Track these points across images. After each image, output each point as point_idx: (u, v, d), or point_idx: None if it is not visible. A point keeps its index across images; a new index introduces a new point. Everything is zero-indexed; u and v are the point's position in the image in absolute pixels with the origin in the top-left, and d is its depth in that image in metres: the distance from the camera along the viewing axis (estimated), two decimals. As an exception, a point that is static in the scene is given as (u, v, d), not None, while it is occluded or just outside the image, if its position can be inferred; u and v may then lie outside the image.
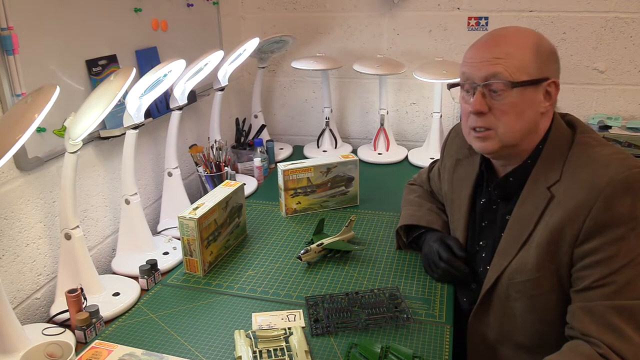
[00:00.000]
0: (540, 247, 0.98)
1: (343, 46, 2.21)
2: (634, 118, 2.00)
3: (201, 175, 1.66)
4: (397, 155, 2.09)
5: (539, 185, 1.02)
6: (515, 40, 1.01)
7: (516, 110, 1.00)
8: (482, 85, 1.01)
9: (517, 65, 0.99)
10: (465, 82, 1.06)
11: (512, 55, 0.99)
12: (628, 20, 1.91)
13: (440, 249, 1.22)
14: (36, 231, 1.20)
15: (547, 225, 0.98)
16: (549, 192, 1.00)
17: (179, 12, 1.76)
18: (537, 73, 1.00)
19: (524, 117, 1.01)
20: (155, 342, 1.06)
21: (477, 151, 1.12)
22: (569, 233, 0.94)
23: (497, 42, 1.02)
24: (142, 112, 1.32)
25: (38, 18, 1.15)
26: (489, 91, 1.01)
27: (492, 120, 1.02)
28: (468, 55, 1.07)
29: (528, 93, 1.00)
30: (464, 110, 1.08)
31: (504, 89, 0.99)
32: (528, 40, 1.01)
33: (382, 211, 1.63)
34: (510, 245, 1.05)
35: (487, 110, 1.01)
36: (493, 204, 1.14)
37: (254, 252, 1.42)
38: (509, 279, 1.04)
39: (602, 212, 0.90)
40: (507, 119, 1.01)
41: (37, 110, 0.91)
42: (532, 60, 0.99)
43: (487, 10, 2.01)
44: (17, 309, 1.16)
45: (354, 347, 1.02)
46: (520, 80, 0.98)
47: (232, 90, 2.22)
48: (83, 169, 1.34)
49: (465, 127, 1.09)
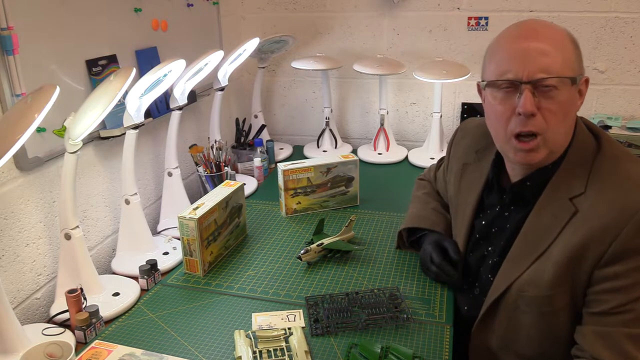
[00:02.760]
0: (559, 265, 0.92)
1: (343, 46, 2.21)
2: (634, 118, 2.00)
3: (201, 175, 1.66)
4: (397, 155, 2.09)
5: (559, 194, 0.95)
6: (553, 35, 0.92)
7: (564, 111, 0.91)
8: (532, 83, 0.89)
9: (565, 62, 0.90)
10: (504, 81, 0.93)
11: (557, 50, 0.90)
12: (628, 20, 1.91)
13: (433, 252, 1.19)
14: (36, 231, 1.20)
15: (568, 242, 0.91)
16: (572, 205, 0.92)
17: (179, 12, 1.76)
18: (578, 70, 0.92)
19: (569, 117, 0.93)
20: (155, 342, 1.06)
21: (517, 162, 0.99)
22: (591, 253, 0.88)
23: (537, 35, 0.91)
24: (142, 112, 1.32)
25: (38, 18, 1.15)
26: (538, 90, 0.90)
27: (541, 123, 0.91)
28: (502, 49, 0.95)
29: (572, 91, 0.91)
30: (500, 113, 0.95)
31: (555, 88, 0.89)
32: (564, 35, 0.93)
33: (382, 211, 1.63)
34: (523, 255, 0.98)
35: (537, 112, 0.90)
36: (505, 211, 1.07)
37: (254, 252, 1.42)
38: (519, 291, 0.98)
39: (630, 238, 0.85)
40: (555, 121, 0.91)
41: (37, 110, 0.91)
42: (574, 55, 0.92)
43: (487, 10, 2.01)
44: (17, 309, 1.16)
45: (354, 347, 1.02)
46: (569, 75, 0.90)
47: (232, 90, 2.22)
48: (83, 169, 1.34)
49: (503, 132, 0.96)
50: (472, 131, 1.22)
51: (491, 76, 0.96)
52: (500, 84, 0.94)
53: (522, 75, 0.90)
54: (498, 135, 1.00)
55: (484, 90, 1.00)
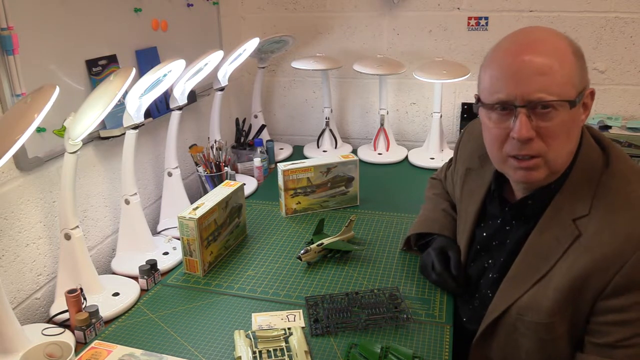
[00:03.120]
0: (560, 292, 0.88)
1: (343, 46, 2.21)
2: (634, 118, 2.00)
3: (201, 175, 1.65)
4: (397, 155, 2.09)
5: (562, 214, 0.90)
6: (552, 48, 0.84)
7: (566, 130, 0.85)
8: (527, 106, 0.83)
9: (564, 79, 0.83)
10: (496, 102, 0.87)
11: (556, 66, 0.83)
12: (628, 20, 1.91)
13: (435, 260, 1.16)
14: (36, 231, 1.20)
15: (571, 269, 0.87)
16: (575, 228, 0.88)
17: (179, 12, 1.76)
18: (580, 83, 0.85)
19: (572, 137, 0.87)
20: (155, 342, 1.06)
21: (517, 181, 0.95)
22: (594, 283, 0.85)
23: (535, 49, 0.84)
24: (142, 112, 1.32)
25: (38, 18, 1.15)
26: (534, 112, 0.84)
27: (539, 146, 0.85)
28: (494, 67, 0.88)
29: (575, 109, 0.85)
30: (495, 135, 0.90)
31: (555, 107, 0.83)
32: (563, 46, 0.85)
33: (382, 211, 1.63)
34: (523, 276, 0.94)
35: (534, 136, 0.85)
36: (507, 224, 1.03)
37: (254, 252, 1.42)
38: (518, 314, 0.94)
39: (635, 271, 0.81)
40: (558, 141, 0.85)
41: (37, 110, 0.91)
42: (575, 69, 0.85)
43: (487, 10, 2.01)
44: (16, 309, 1.16)
45: (354, 347, 1.02)
46: (572, 96, 0.83)
47: (232, 90, 2.22)
48: (83, 169, 1.34)
49: (497, 153, 0.92)
50: (477, 136, 1.15)
51: (484, 94, 0.90)
52: (493, 106, 0.88)
53: (516, 97, 0.84)
54: (494, 157, 0.95)
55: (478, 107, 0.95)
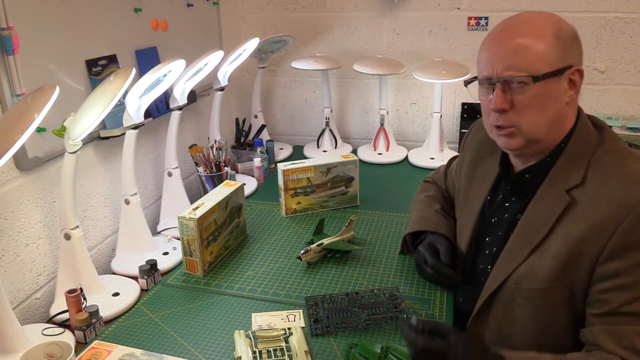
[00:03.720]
0: (557, 258, 0.92)
1: (343, 46, 2.21)
2: (634, 118, 2.00)
3: (201, 175, 1.66)
4: (397, 155, 2.09)
5: (557, 186, 0.97)
6: (532, 30, 0.94)
7: (539, 104, 0.94)
8: (501, 81, 0.95)
9: (537, 57, 0.92)
10: (482, 79, 1.00)
11: (531, 46, 0.93)
12: (628, 20, 1.91)
13: (426, 254, 1.19)
14: (36, 231, 1.20)
15: (568, 235, 0.92)
16: (567, 196, 0.94)
17: (179, 12, 1.76)
18: (560, 62, 0.93)
19: (548, 111, 0.95)
20: (155, 342, 1.06)
21: (502, 148, 1.05)
22: (590, 248, 0.89)
23: (513, 33, 0.95)
24: (142, 112, 1.32)
25: (38, 18, 1.15)
26: (509, 87, 0.95)
27: (514, 117, 0.96)
28: (483, 49, 1.00)
29: (551, 84, 0.93)
30: (484, 107, 1.02)
31: (525, 83, 0.93)
32: (546, 28, 0.94)
33: (382, 211, 1.63)
34: (519, 247, 1.00)
35: (509, 108, 0.95)
36: (506, 201, 1.09)
37: (254, 252, 1.42)
38: (515, 283, 0.98)
39: (629, 232, 0.85)
40: (530, 114, 0.95)
41: (37, 110, 0.91)
42: (552, 49, 0.93)
43: (487, 10, 2.01)
44: (16, 309, 1.16)
45: (354, 347, 1.02)
46: (542, 72, 0.92)
47: (232, 90, 2.22)
48: (83, 169, 1.34)
49: (487, 124, 1.04)
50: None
51: (478, 72, 1.02)
52: (481, 81, 1.01)
53: (493, 74, 0.96)
54: (486, 126, 1.05)
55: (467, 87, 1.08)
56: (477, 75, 1.03)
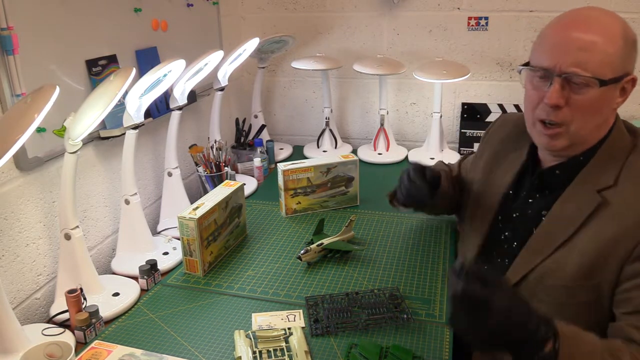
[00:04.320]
0: (586, 256, 0.91)
1: (343, 46, 2.21)
2: (634, 118, 2.00)
3: (201, 175, 1.66)
4: (397, 155, 2.09)
5: (587, 186, 0.95)
6: (603, 28, 0.90)
7: (595, 108, 0.92)
8: (563, 77, 0.90)
9: (605, 59, 0.89)
10: (540, 68, 0.94)
11: (600, 45, 0.89)
12: (628, 20, 1.89)
13: (411, 169, 1.21)
14: (36, 231, 1.20)
15: (598, 235, 0.91)
16: (598, 196, 0.92)
17: (179, 12, 1.76)
18: (621, 69, 0.91)
19: (599, 116, 0.94)
20: (155, 342, 1.06)
21: (542, 146, 1.01)
22: (622, 249, 0.88)
23: (585, 26, 0.91)
24: (142, 112, 1.32)
25: (38, 18, 1.15)
26: (569, 84, 0.90)
27: (566, 115, 0.92)
28: (548, 37, 0.95)
29: (609, 91, 0.91)
30: (531, 97, 0.97)
31: (587, 85, 0.89)
32: (616, 29, 0.91)
33: (382, 211, 1.63)
34: (544, 243, 0.97)
35: (564, 104, 0.91)
36: (530, 197, 1.06)
37: (254, 252, 1.42)
38: (539, 279, 0.96)
39: None
40: (584, 115, 0.92)
41: (37, 110, 0.91)
42: (619, 54, 0.90)
43: (487, 10, 2.01)
44: (17, 309, 1.16)
45: (354, 347, 1.02)
46: (607, 77, 0.89)
47: (232, 90, 2.22)
48: (83, 169, 1.34)
49: (530, 116, 0.99)
50: (515, 122, 1.19)
51: (532, 58, 0.97)
52: (536, 69, 0.95)
53: (556, 66, 0.91)
54: (527, 118, 1.01)
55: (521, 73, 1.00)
56: (529, 62, 0.98)
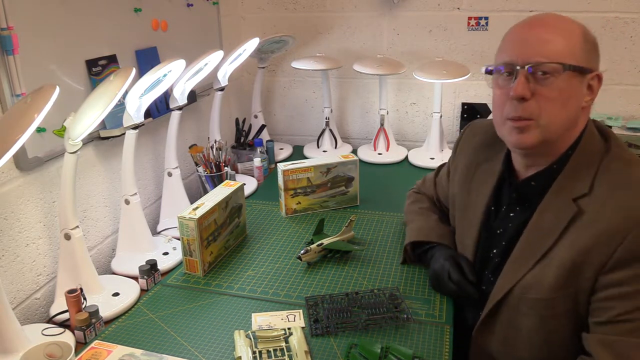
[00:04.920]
0: (562, 267, 0.91)
1: (343, 46, 2.21)
2: (634, 118, 2.00)
3: (201, 175, 1.65)
4: (397, 155, 2.09)
5: (563, 195, 0.94)
6: (562, 26, 0.92)
7: (562, 98, 0.90)
8: (527, 68, 0.90)
9: (567, 49, 0.89)
10: (503, 64, 0.94)
11: (559, 38, 0.90)
12: (628, 20, 1.91)
13: (451, 269, 1.12)
14: (36, 231, 1.20)
15: (573, 244, 0.90)
16: (575, 205, 0.91)
17: (179, 12, 1.76)
18: (585, 62, 0.91)
19: (568, 107, 0.92)
20: (155, 342, 1.06)
21: (511, 146, 0.99)
22: (596, 258, 0.87)
23: (542, 24, 0.93)
24: (142, 112, 1.32)
25: (38, 18, 1.15)
26: (533, 76, 0.90)
27: (534, 108, 0.91)
28: (509, 36, 0.97)
29: (574, 81, 0.90)
30: (498, 98, 0.97)
31: (552, 73, 0.89)
32: (574, 28, 0.93)
33: (382, 211, 1.63)
34: (525, 257, 0.97)
35: (529, 96, 0.90)
36: (511, 211, 1.05)
37: (254, 252, 1.42)
38: (521, 293, 0.97)
39: (636, 243, 0.84)
40: (552, 106, 0.91)
41: (37, 110, 0.91)
42: (580, 47, 0.91)
43: (487, 10, 2.01)
44: (16, 309, 1.16)
45: (354, 347, 1.02)
46: (571, 63, 0.89)
47: (232, 90, 2.22)
48: (83, 169, 1.34)
49: (499, 117, 0.98)
50: (484, 129, 1.19)
51: (496, 63, 0.97)
52: (501, 69, 0.95)
53: (518, 59, 0.91)
54: (496, 121, 1.00)
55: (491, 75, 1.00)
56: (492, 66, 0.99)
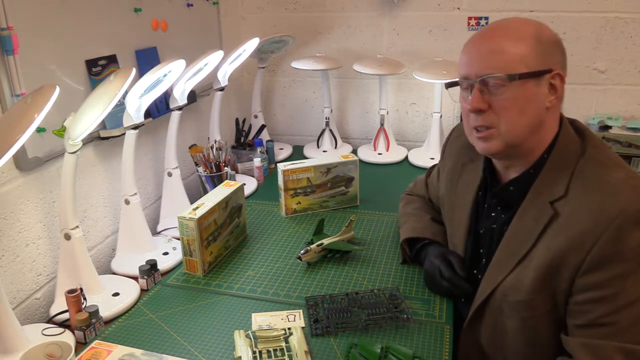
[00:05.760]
0: (539, 269, 0.93)
1: (343, 46, 2.21)
2: (634, 118, 2.00)
3: (201, 175, 1.65)
4: (397, 156, 2.09)
5: (541, 198, 0.96)
6: (511, 33, 0.95)
7: (518, 106, 0.93)
8: (478, 81, 0.94)
9: (515, 57, 0.92)
10: (462, 80, 1.00)
11: (508, 47, 0.93)
12: (628, 20, 1.91)
13: (441, 266, 1.15)
14: (36, 231, 1.20)
15: (549, 247, 0.92)
16: (551, 209, 0.93)
17: (179, 12, 1.76)
18: (539, 64, 0.93)
19: (527, 113, 0.94)
20: (155, 342, 1.06)
21: (480, 152, 1.04)
22: (572, 260, 0.89)
23: (492, 35, 0.96)
24: (142, 112, 1.32)
25: (38, 18, 1.15)
26: (487, 87, 0.94)
27: (492, 117, 0.95)
28: (463, 50, 1.01)
29: (529, 86, 0.93)
30: (463, 110, 1.02)
31: (501, 84, 0.93)
32: (526, 31, 0.94)
33: (382, 211, 1.63)
34: (505, 260, 1.00)
35: (486, 108, 0.95)
36: (492, 212, 1.08)
37: (254, 252, 1.42)
38: (503, 295, 0.99)
39: (609, 244, 0.85)
40: (508, 115, 0.94)
41: (37, 110, 0.91)
42: (531, 51, 0.93)
43: (487, 10, 2.01)
44: (16, 309, 1.16)
45: (354, 347, 1.02)
46: (518, 72, 0.92)
47: (232, 90, 2.22)
48: (83, 169, 1.34)
49: (466, 127, 1.03)
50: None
51: (458, 75, 1.02)
52: (461, 84, 1.01)
53: (471, 72, 0.96)
54: (466, 129, 1.04)
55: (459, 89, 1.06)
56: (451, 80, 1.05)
